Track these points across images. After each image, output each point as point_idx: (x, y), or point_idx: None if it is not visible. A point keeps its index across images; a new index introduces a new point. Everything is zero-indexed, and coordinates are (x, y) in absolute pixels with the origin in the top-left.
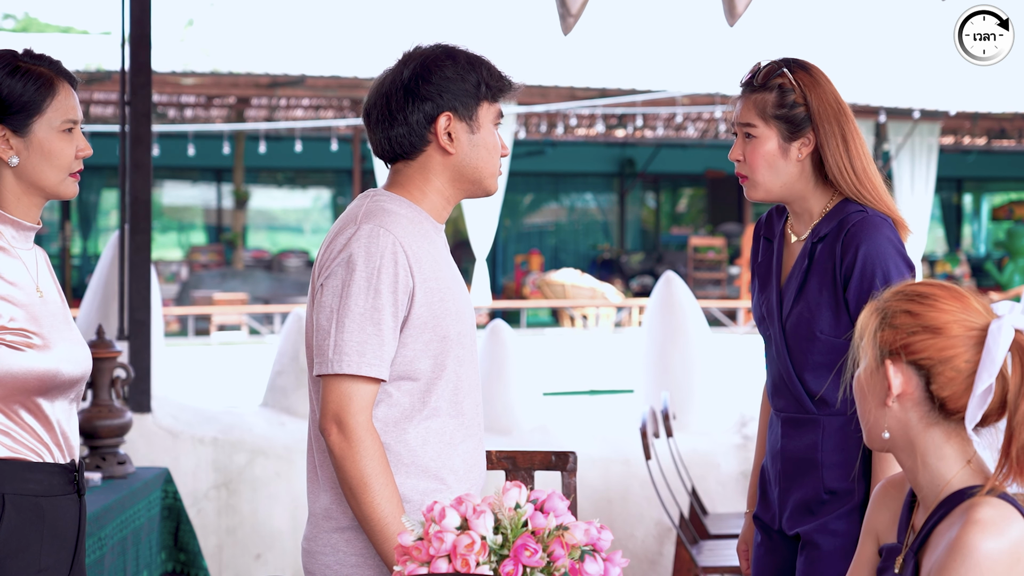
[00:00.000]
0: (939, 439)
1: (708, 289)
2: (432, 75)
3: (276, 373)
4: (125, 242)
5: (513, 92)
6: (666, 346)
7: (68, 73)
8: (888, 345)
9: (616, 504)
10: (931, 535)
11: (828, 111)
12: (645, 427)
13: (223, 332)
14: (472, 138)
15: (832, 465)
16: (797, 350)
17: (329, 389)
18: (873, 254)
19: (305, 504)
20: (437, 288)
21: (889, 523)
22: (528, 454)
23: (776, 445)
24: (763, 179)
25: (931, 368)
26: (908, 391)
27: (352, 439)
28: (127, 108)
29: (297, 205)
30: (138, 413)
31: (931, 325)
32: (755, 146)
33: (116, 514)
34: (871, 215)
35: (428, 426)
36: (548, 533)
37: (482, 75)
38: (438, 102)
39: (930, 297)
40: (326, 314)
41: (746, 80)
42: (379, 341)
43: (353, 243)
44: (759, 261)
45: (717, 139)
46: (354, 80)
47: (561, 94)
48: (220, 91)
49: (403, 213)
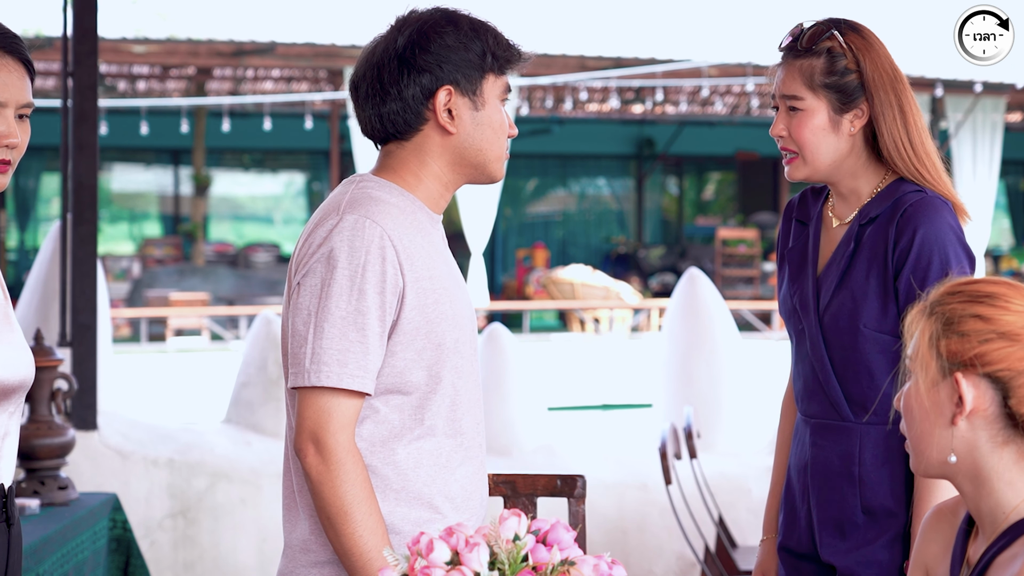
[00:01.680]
0: (1009, 461)
1: (738, 288)
2: (431, 43)
3: (241, 385)
4: (68, 234)
5: (523, 63)
6: (690, 354)
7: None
8: (957, 356)
9: (632, 535)
10: (990, 567)
11: (884, 78)
12: (665, 447)
13: (181, 338)
14: (476, 115)
15: (873, 482)
16: (837, 346)
17: (306, 404)
18: (931, 238)
19: (274, 535)
20: (431, 289)
21: (941, 555)
22: (530, 478)
23: (804, 456)
24: (811, 157)
25: (1010, 380)
26: (981, 407)
27: (331, 461)
28: (70, 80)
29: (266, 191)
30: (82, 430)
31: (1008, 331)
32: (802, 120)
33: (56, 546)
34: (930, 196)
35: (421, 447)
36: (552, 569)
37: (488, 43)
38: (437, 74)
39: (1000, 297)
40: (303, 317)
41: (788, 44)
42: (363, 349)
43: (335, 236)
44: (791, 246)
45: (748, 116)
46: (331, 48)
47: (569, 64)
48: (177, 61)
49: (394, 202)
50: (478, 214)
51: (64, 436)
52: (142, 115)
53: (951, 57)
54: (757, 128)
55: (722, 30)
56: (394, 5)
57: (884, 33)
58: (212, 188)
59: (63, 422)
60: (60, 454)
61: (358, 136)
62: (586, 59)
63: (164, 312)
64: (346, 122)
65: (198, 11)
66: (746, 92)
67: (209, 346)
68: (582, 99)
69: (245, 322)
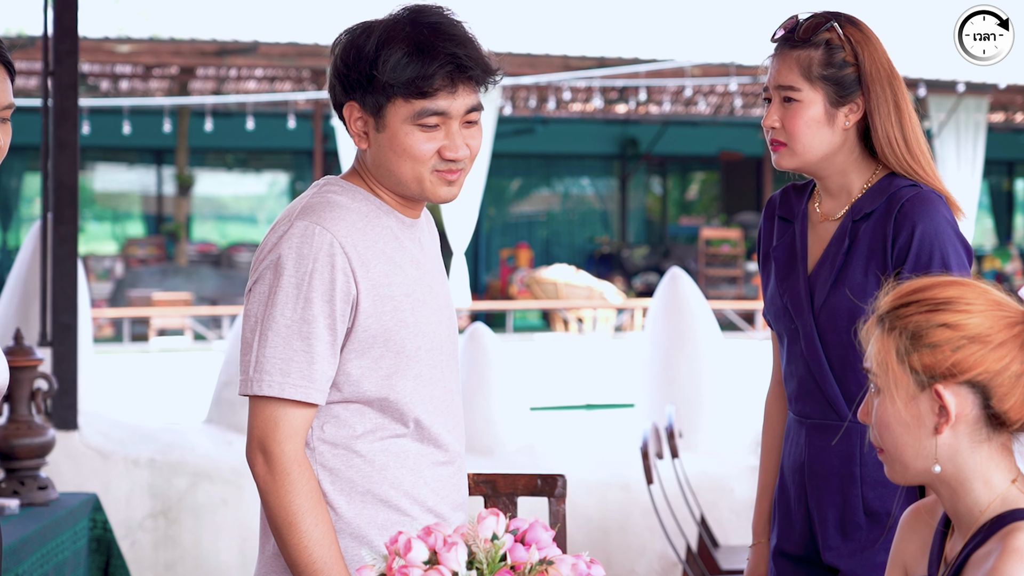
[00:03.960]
0: (986, 458)
1: (722, 288)
2: (343, 58)
3: (223, 384)
4: (48, 233)
5: (443, 93)
6: (672, 354)
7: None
8: (932, 369)
9: (614, 535)
10: (966, 564)
11: (881, 73)
12: (647, 447)
13: (163, 337)
14: (378, 137)
15: (875, 483)
16: (835, 344)
17: (254, 413)
18: (931, 233)
19: (255, 535)
20: (391, 296)
21: (918, 553)
22: (510, 477)
23: (800, 457)
24: (802, 148)
25: (989, 382)
26: (963, 413)
27: (277, 471)
28: (50, 79)
29: (249, 191)
30: (63, 430)
31: (977, 334)
32: (796, 111)
33: (36, 547)
34: (925, 191)
35: (387, 448)
36: (530, 568)
37: (386, 68)
38: (344, 89)
39: (959, 301)
40: (250, 324)
41: (783, 35)
42: (308, 359)
43: (283, 243)
44: (776, 244)
45: (732, 116)
46: (314, 47)
47: (553, 64)
48: (160, 60)
49: (354, 207)
50: (460, 214)
51: (44, 436)
52: (125, 115)
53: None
54: (741, 128)
55: (705, 30)
56: (376, 6)
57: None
58: (195, 188)
59: (43, 422)
60: (40, 454)
61: (342, 136)
62: (569, 59)
63: (147, 312)
64: (329, 122)
65: (181, 10)
66: (729, 92)
67: (192, 346)
68: (565, 99)
69: (228, 322)
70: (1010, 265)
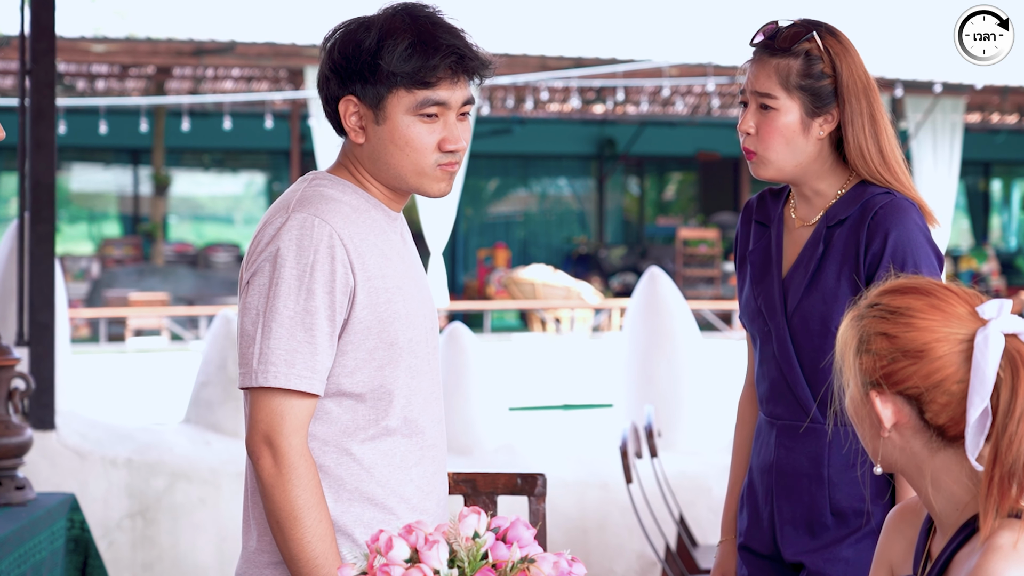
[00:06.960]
0: (950, 462)
1: (699, 288)
2: (340, 51)
3: (201, 384)
4: (25, 233)
5: (445, 83)
6: (650, 353)
7: None
8: (869, 375)
9: (592, 534)
10: (950, 564)
11: (858, 85)
12: (626, 446)
13: (140, 338)
14: (378, 129)
15: (841, 483)
16: (807, 348)
17: (258, 406)
18: (904, 241)
19: (234, 535)
20: (384, 288)
21: (904, 553)
22: (490, 476)
23: (769, 457)
24: (776, 157)
25: (920, 396)
26: (902, 420)
27: (283, 465)
28: (27, 78)
29: (226, 191)
30: (40, 430)
31: (911, 349)
32: (772, 119)
33: (13, 547)
34: (899, 198)
35: (376, 446)
36: (511, 566)
37: (392, 58)
38: (341, 83)
39: (907, 313)
40: (251, 317)
41: (763, 41)
42: (311, 350)
43: (283, 235)
44: (752, 248)
45: (709, 116)
46: (292, 48)
47: (530, 64)
48: (137, 60)
49: (346, 200)
50: (438, 213)
51: (21, 436)
52: (101, 114)
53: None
54: (718, 128)
55: (683, 31)
56: (355, 6)
57: (846, 33)
58: (172, 188)
59: (20, 422)
60: (17, 454)
61: (319, 136)
62: (547, 59)
63: (123, 312)
64: (307, 122)
65: (157, 10)
66: (707, 92)
67: (169, 346)
68: (543, 99)
69: (205, 322)
70: (986, 265)
